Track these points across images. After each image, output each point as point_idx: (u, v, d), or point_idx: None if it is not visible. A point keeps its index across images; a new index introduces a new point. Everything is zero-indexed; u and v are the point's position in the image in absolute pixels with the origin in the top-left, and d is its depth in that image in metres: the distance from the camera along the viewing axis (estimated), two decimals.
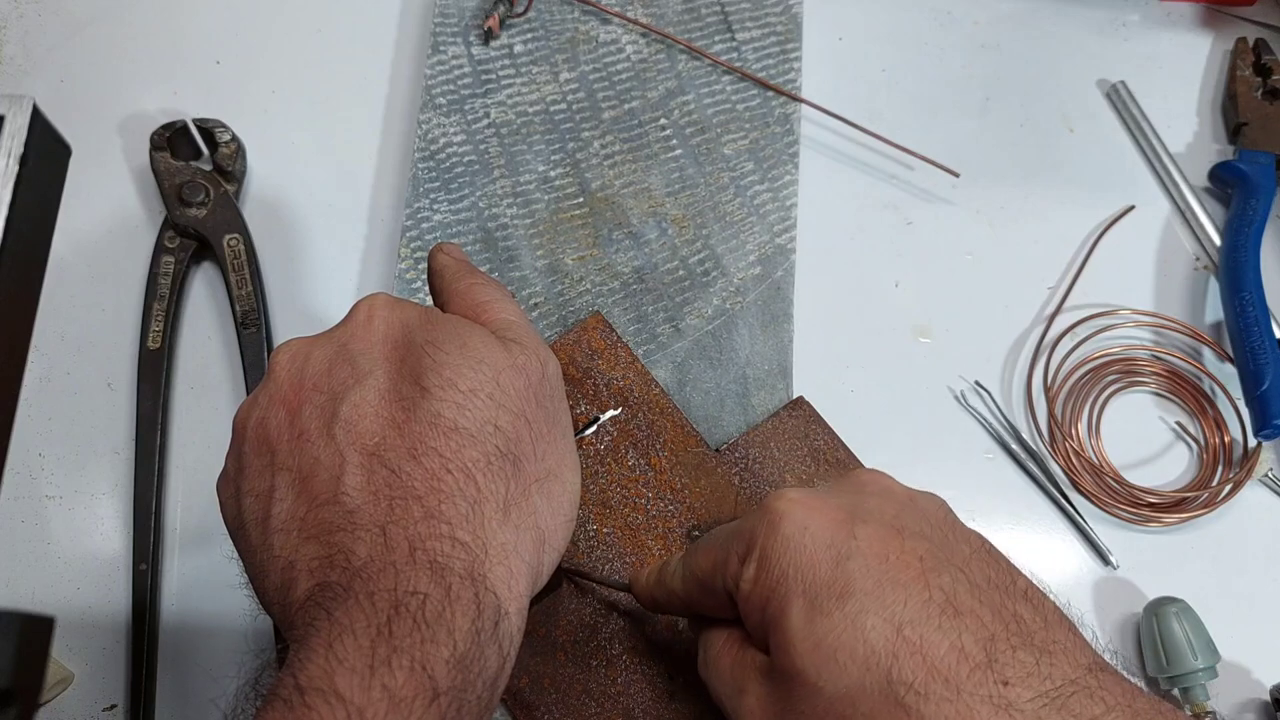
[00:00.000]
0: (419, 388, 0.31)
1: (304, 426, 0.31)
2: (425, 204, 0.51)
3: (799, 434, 0.47)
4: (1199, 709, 0.43)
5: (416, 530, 0.29)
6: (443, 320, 0.34)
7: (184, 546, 0.47)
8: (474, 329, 0.34)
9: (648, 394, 0.47)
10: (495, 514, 0.31)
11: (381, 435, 0.30)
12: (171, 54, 0.57)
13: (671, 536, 0.44)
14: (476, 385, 0.32)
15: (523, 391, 0.33)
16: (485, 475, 0.31)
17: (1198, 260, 0.55)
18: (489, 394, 0.32)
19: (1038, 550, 0.48)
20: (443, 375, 0.32)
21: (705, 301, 0.50)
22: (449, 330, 0.33)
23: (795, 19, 0.57)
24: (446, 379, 0.31)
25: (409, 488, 0.30)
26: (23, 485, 0.47)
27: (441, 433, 0.31)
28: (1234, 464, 0.49)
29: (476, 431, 0.31)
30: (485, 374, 0.32)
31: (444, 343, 0.33)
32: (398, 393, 0.31)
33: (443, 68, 0.55)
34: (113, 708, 0.44)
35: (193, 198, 0.51)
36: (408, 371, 0.32)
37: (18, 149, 0.28)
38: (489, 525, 0.30)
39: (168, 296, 0.50)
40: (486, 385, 0.32)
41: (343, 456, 0.30)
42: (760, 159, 0.54)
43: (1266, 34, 0.59)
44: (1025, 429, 0.50)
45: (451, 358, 0.32)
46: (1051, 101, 0.58)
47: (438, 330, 0.33)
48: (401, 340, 0.33)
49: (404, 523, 0.29)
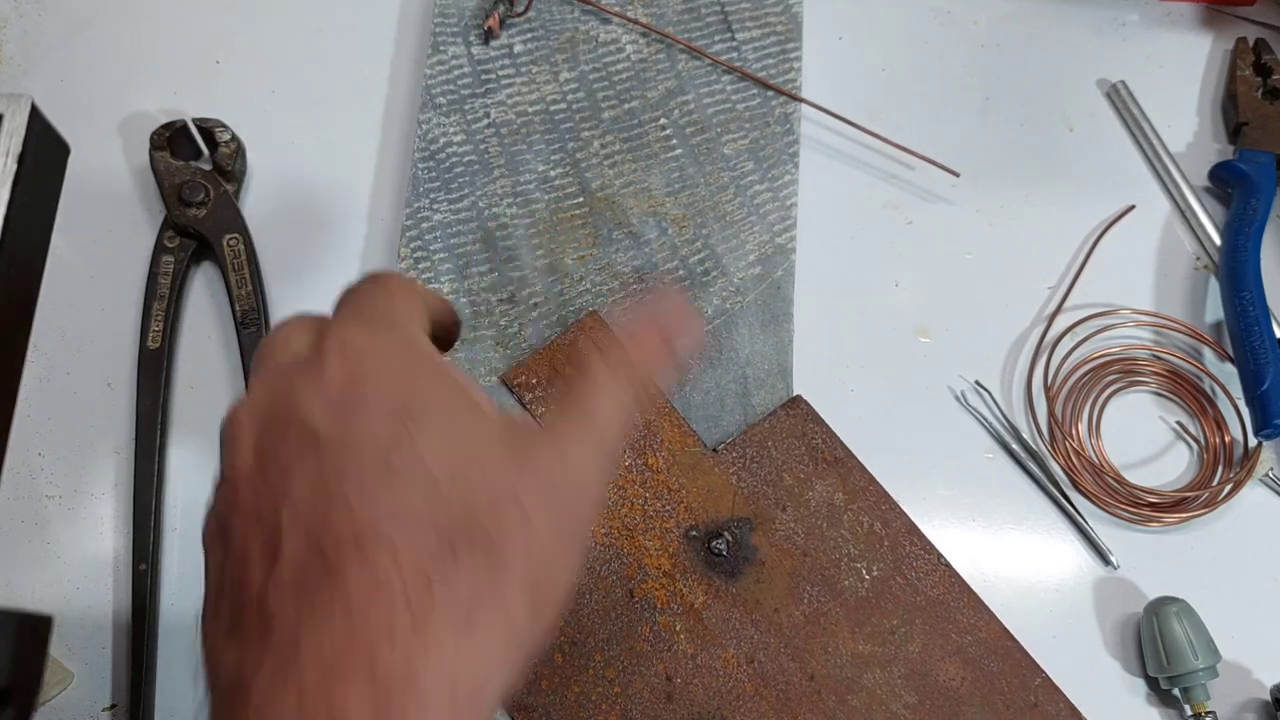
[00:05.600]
0: (384, 464, 0.26)
1: (256, 505, 0.26)
2: (425, 204, 0.51)
3: (796, 433, 0.47)
4: (1199, 709, 0.43)
5: (330, 648, 0.23)
6: (431, 374, 0.28)
7: (184, 546, 0.47)
8: (465, 393, 0.28)
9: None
10: (447, 627, 0.24)
11: (328, 518, 0.25)
12: (171, 54, 0.57)
13: (669, 537, 0.44)
14: (456, 469, 0.26)
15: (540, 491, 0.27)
16: (446, 572, 0.25)
17: (1198, 260, 0.55)
18: (469, 476, 0.26)
19: (1038, 550, 0.48)
20: (414, 451, 0.26)
21: (705, 301, 0.50)
22: (435, 394, 0.28)
23: (795, 19, 0.57)
24: (417, 456, 0.26)
25: (341, 587, 0.24)
26: (23, 485, 0.47)
27: (400, 520, 0.25)
28: (1234, 464, 0.49)
29: (443, 518, 0.25)
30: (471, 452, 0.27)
31: (425, 411, 0.27)
32: (361, 471, 0.25)
33: (443, 67, 0.55)
34: (112, 708, 0.44)
35: (193, 198, 0.51)
36: (376, 441, 0.26)
37: (16, 148, 0.28)
38: (432, 643, 0.24)
39: (168, 296, 0.50)
40: (470, 467, 0.27)
41: (279, 541, 0.25)
42: (760, 159, 0.54)
43: (1266, 34, 0.59)
44: (1025, 429, 0.50)
45: (429, 432, 0.26)
46: (1051, 101, 0.58)
47: (422, 392, 0.27)
48: (373, 400, 0.27)
49: (316, 638, 0.23)
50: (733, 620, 0.43)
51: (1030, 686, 0.43)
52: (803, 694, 0.42)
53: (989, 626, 0.44)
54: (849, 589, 0.44)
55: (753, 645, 0.43)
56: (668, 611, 0.43)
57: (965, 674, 0.43)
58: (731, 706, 0.42)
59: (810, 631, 0.43)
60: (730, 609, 0.44)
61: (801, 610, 0.44)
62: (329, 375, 0.27)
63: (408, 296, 0.31)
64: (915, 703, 0.43)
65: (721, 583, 0.44)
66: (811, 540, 0.45)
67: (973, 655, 0.43)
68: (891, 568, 0.45)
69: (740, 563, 0.44)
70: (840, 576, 0.44)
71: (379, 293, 0.31)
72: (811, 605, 0.44)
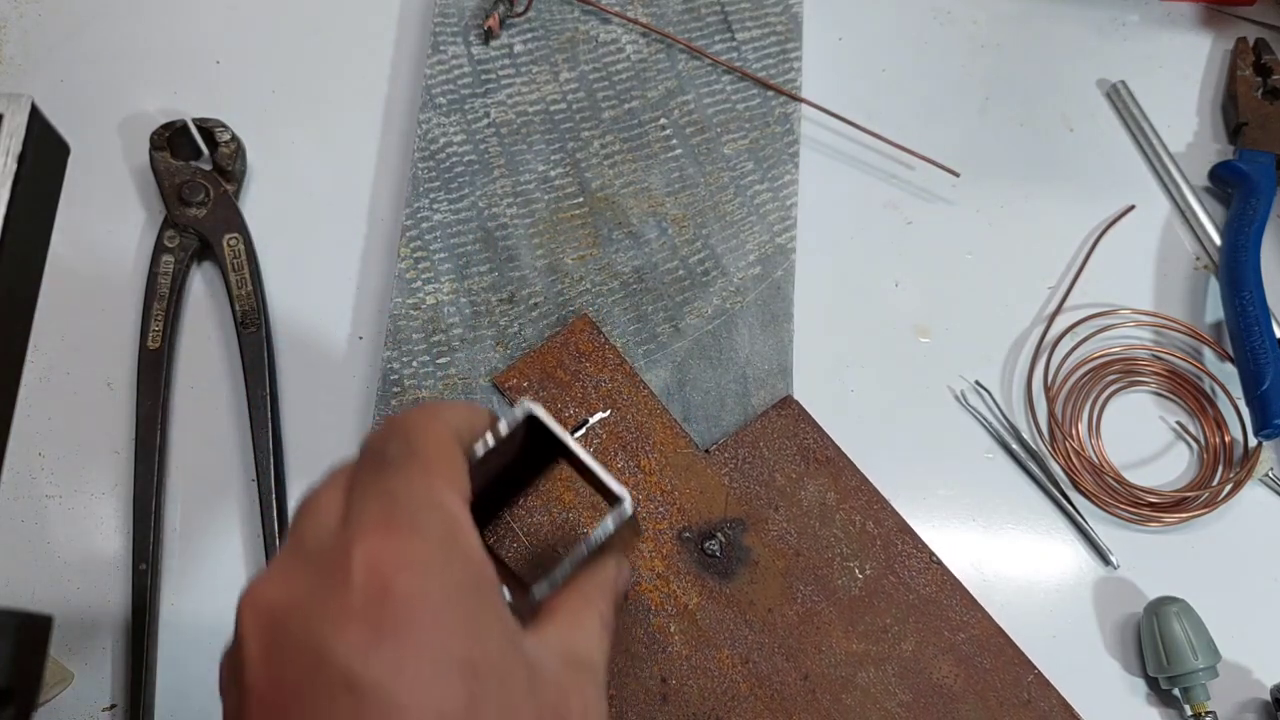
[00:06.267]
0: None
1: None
2: (425, 204, 0.51)
3: (788, 433, 0.47)
4: (1199, 709, 0.43)
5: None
6: (474, 591, 0.26)
7: (184, 546, 0.47)
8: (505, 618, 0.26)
9: (636, 396, 0.47)
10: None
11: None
12: (171, 54, 0.57)
13: (662, 538, 0.44)
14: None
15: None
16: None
17: (1198, 260, 0.55)
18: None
19: (1038, 550, 0.48)
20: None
21: (705, 301, 0.50)
22: (491, 639, 0.25)
23: (795, 19, 0.57)
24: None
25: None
26: (23, 485, 0.47)
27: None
28: (1234, 464, 0.49)
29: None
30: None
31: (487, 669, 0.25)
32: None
33: (443, 67, 0.55)
34: (112, 708, 0.44)
35: (193, 197, 0.51)
36: (440, 705, 0.23)
37: (16, 147, 0.28)
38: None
39: (168, 296, 0.50)
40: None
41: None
42: (760, 159, 0.54)
43: (1266, 34, 0.59)
44: (1025, 429, 0.50)
45: (491, 699, 0.24)
46: (1051, 101, 0.58)
47: (478, 632, 0.25)
48: (425, 643, 0.24)
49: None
50: (727, 621, 0.43)
51: (1023, 683, 0.43)
52: (797, 693, 0.42)
53: (982, 624, 0.44)
54: (842, 588, 0.44)
55: (747, 645, 0.43)
56: (662, 613, 0.43)
57: (959, 671, 0.43)
58: (727, 707, 0.42)
59: (804, 631, 0.43)
60: (724, 610, 0.44)
61: (795, 610, 0.44)
62: (357, 594, 0.23)
63: (444, 458, 0.27)
64: (909, 700, 0.43)
65: (715, 583, 0.44)
66: (804, 540, 0.45)
67: (966, 653, 0.43)
68: (884, 567, 0.45)
69: (733, 563, 0.44)
70: (833, 576, 0.44)
71: (410, 468, 0.26)
72: (805, 605, 0.44)
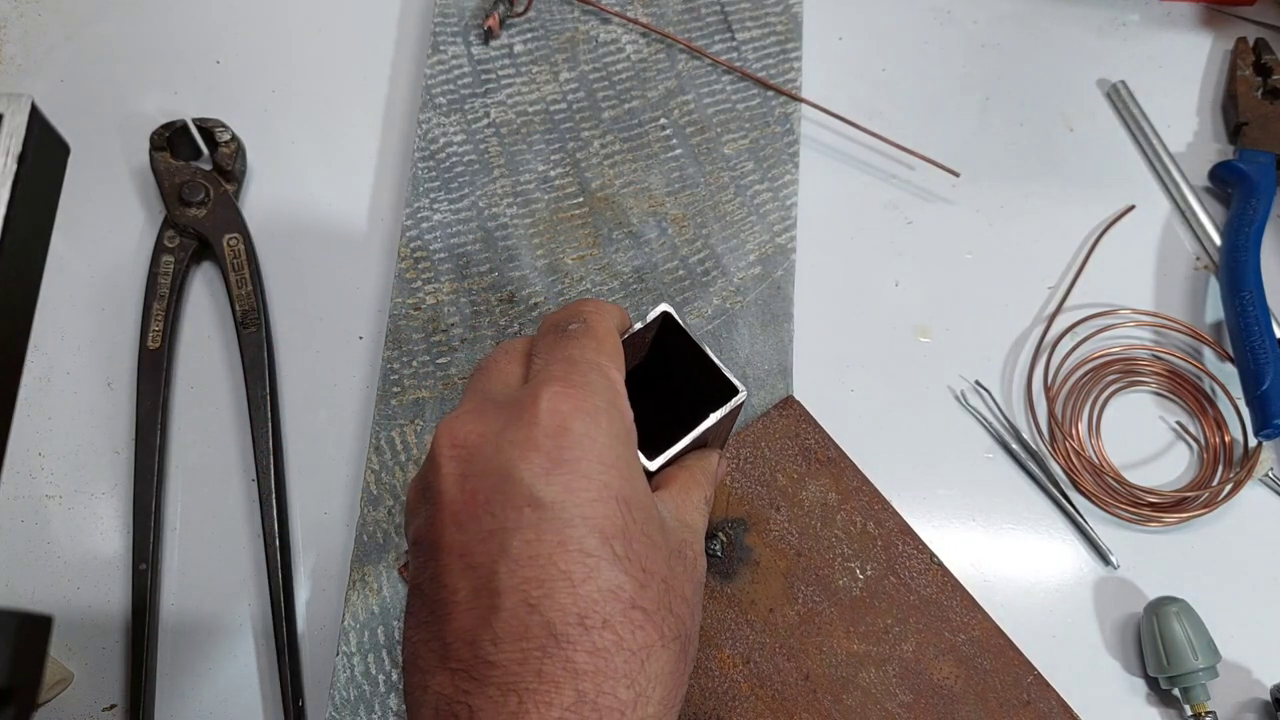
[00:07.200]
0: (611, 551, 0.28)
1: (466, 546, 0.28)
2: (425, 204, 0.51)
3: (789, 433, 0.47)
4: (1199, 709, 0.43)
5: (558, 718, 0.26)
6: (630, 445, 0.31)
7: (184, 546, 0.47)
8: (639, 468, 0.31)
9: None
10: (652, 700, 0.27)
11: (550, 588, 0.27)
12: (171, 54, 0.57)
13: None
14: (653, 566, 0.29)
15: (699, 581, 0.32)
16: (657, 658, 0.28)
17: (1198, 260, 0.54)
18: (683, 589, 0.30)
19: (1038, 550, 0.48)
20: (633, 544, 0.29)
21: (705, 301, 0.50)
22: (640, 482, 0.30)
23: (795, 19, 0.57)
24: (634, 550, 0.29)
25: (568, 659, 0.26)
26: (23, 485, 0.47)
27: (618, 602, 0.27)
28: (1234, 464, 0.49)
29: (657, 613, 0.28)
30: (686, 572, 0.31)
31: (638, 503, 0.30)
32: (584, 550, 0.28)
33: (443, 67, 0.55)
34: (112, 708, 0.44)
35: (193, 197, 0.51)
36: (601, 525, 0.28)
37: (16, 147, 0.28)
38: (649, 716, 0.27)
39: (168, 296, 0.50)
40: (657, 560, 0.30)
41: (498, 597, 0.27)
42: (760, 159, 0.54)
43: (1266, 34, 0.59)
44: (1025, 429, 0.50)
45: (640, 525, 0.29)
46: (1051, 101, 0.58)
47: (632, 476, 0.30)
48: (593, 476, 0.29)
49: (545, 703, 0.26)
50: (728, 621, 0.43)
51: (1023, 684, 0.43)
52: (798, 693, 0.42)
53: (982, 625, 0.44)
54: (843, 589, 0.44)
55: (748, 645, 0.43)
56: None
57: (959, 672, 0.43)
58: (728, 707, 0.42)
59: (805, 631, 0.43)
60: (725, 609, 0.44)
61: (796, 610, 0.44)
62: (541, 430, 0.29)
63: (611, 338, 0.33)
64: (910, 701, 0.43)
65: (716, 583, 0.44)
66: (805, 540, 0.45)
67: (966, 654, 0.43)
68: (885, 567, 0.45)
69: (735, 563, 0.44)
70: (834, 576, 0.44)
71: (587, 341, 0.32)
72: (806, 605, 0.44)
